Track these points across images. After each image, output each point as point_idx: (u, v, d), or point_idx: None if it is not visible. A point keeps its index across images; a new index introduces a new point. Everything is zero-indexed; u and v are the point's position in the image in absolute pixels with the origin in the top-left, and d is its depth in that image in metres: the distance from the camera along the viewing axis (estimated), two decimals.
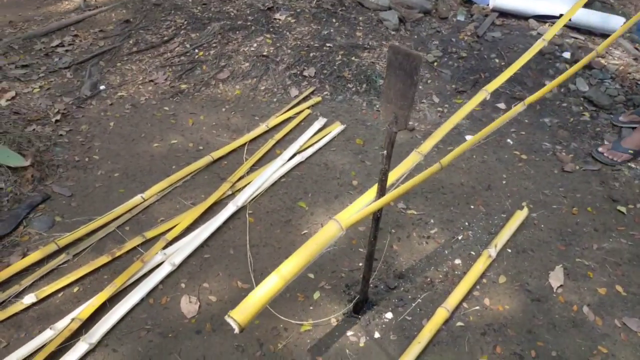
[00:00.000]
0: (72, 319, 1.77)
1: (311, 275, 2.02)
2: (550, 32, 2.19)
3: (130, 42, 3.58)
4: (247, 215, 2.27)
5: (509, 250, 2.19)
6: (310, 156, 2.65)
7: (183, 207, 2.32)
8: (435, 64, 3.45)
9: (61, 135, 2.75)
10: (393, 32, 3.69)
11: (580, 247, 2.23)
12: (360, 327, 1.82)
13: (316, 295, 1.95)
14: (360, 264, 2.06)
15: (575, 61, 3.43)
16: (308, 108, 3.01)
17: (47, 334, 1.73)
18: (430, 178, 2.55)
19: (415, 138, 2.87)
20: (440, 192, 2.50)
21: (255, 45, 3.48)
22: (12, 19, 3.84)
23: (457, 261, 2.14)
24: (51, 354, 1.67)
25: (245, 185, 2.41)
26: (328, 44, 3.51)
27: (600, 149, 2.75)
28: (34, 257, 2.01)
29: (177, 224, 2.18)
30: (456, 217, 2.36)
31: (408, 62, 1.35)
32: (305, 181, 2.50)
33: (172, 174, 2.47)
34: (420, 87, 3.26)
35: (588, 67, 3.41)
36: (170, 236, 2.12)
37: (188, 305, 1.88)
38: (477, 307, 1.94)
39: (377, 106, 3.07)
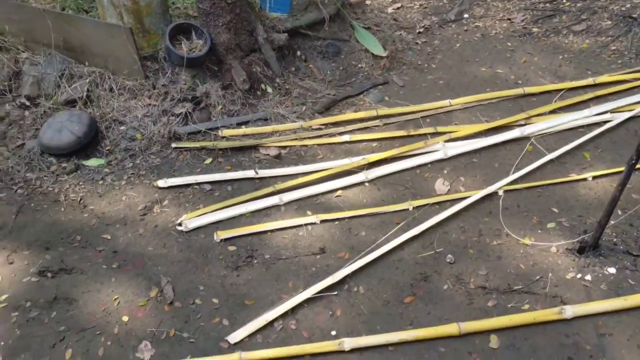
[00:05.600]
0: (363, 158, 2.43)
1: (555, 209, 2.13)
2: None
3: None
4: (527, 145, 2.46)
5: None
6: (626, 120, 2.54)
7: (477, 120, 2.67)
8: None
9: (417, 43, 3.40)
10: None
11: None
12: (575, 264, 1.89)
13: (551, 224, 2.07)
14: (611, 222, 2.03)
15: None
16: None
17: (345, 161, 2.46)
18: None
19: None
20: None
21: (628, 5, 3.30)
22: None
23: None
24: (341, 173, 2.39)
25: (539, 121, 2.56)
26: None
27: None
28: (360, 115, 2.77)
29: (461, 130, 2.56)
30: None
31: None
32: (601, 138, 2.46)
33: (483, 93, 2.82)
34: None
35: None
36: (453, 135, 2.53)
37: (441, 186, 2.31)
38: None
39: None
